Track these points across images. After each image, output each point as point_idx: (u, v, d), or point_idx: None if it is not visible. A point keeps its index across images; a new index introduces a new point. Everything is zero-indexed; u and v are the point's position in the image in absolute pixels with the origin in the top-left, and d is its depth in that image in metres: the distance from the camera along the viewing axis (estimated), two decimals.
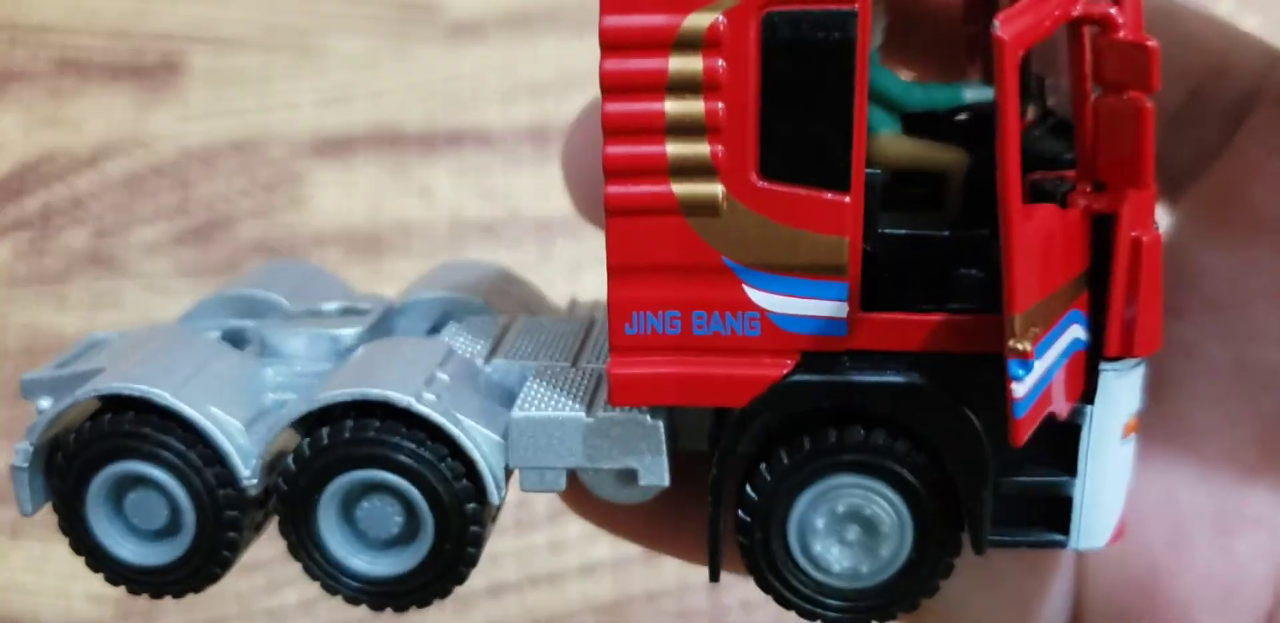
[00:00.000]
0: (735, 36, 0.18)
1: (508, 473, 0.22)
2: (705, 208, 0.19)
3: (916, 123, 0.22)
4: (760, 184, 0.19)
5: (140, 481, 0.23)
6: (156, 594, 0.23)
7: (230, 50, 0.60)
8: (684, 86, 0.19)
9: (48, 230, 0.57)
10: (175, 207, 0.57)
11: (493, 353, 0.24)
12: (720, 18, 0.18)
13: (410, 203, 0.56)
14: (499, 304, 0.28)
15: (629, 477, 0.21)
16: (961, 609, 0.27)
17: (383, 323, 0.26)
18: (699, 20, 0.18)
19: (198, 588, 0.23)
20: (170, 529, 0.23)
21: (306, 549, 0.23)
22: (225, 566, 0.23)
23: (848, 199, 0.19)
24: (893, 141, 0.20)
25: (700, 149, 0.19)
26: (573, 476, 0.23)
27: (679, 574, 0.50)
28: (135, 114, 0.59)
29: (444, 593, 0.23)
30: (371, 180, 0.57)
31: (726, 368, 0.19)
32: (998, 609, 0.27)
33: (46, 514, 0.50)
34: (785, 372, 0.19)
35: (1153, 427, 0.24)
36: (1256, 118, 0.26)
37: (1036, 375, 0.18)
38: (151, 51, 0.60)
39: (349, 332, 0.25)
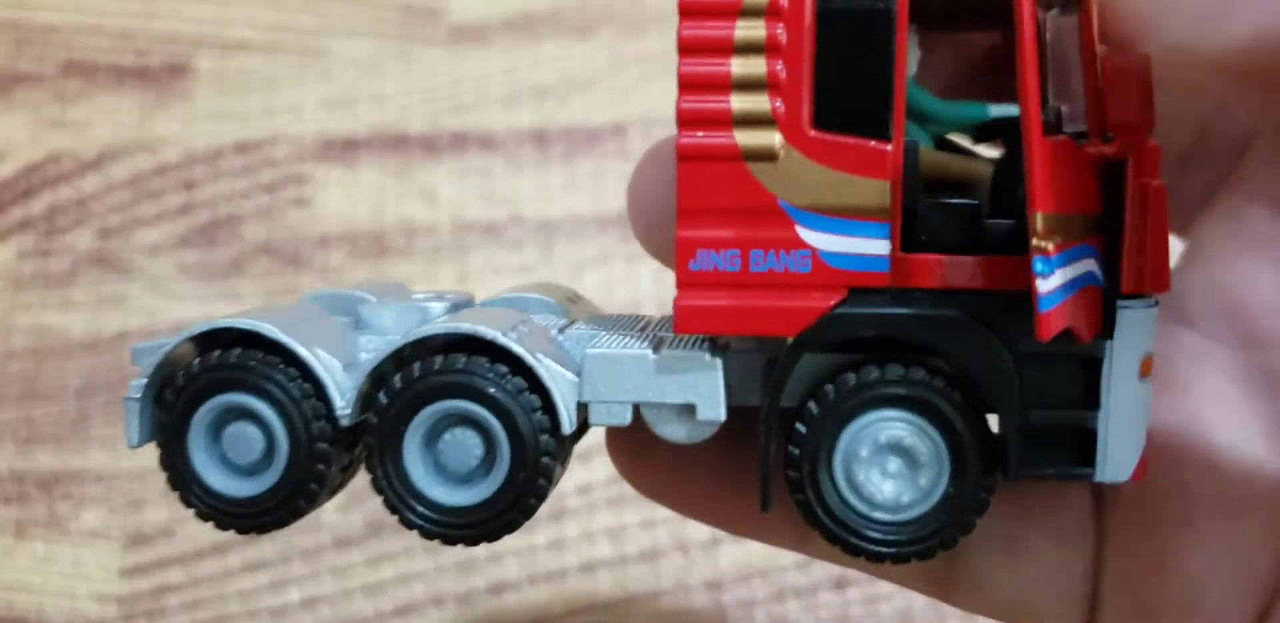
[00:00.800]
0: (793, 6, 0.21)
1: (580, 410, 0.24)
2: (764, 155, 0.22)
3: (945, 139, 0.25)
4: (813, 134, 0.22)
5: (241, 413, 0.24)
6: (243, 529, 0.24)
7: (235, 53, 0.60)
8: (748, 48, 0.22)
9: (53, 232, 0.57)
10: (180, 208, 0.57)
11: (564, 330, 0.26)
12: None
13: (413, 204, 0.56)
14: (570, 309, 0.30)
15: (688, 413, 0.23)
16: (990, 584, 0.28)
17: (466, 306, 0.28)
18: None
19: (282, 523, 0.24)
20: (263, 463, 0.23)
21: (390, 481, 0.23)
22: (311, 500, 0.24)
23: (889, 147, 0.21)
24: (926, 155, 0.22)
25: (761, 103, 0.22)
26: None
27: (679, 574, 0.50)
28: (141, 116, 0.59)
29: (513, 526, 0.24)
30: (375, 182, 0.57)
31: (780, 301, 0.22)
32: (1024, 582, 0.28)
33: (47, 514, 0.50)
34: (833, 304, 0.22)
35: (1165, 420, 0.26)
36: (1258, 146, 0.27)
37: (1059, 280, 0.20)
38: (157, 54, 0.60)
39: (437, 305, 0.27)
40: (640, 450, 0.28)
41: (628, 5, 0.60)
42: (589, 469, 0.51)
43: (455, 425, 0.24)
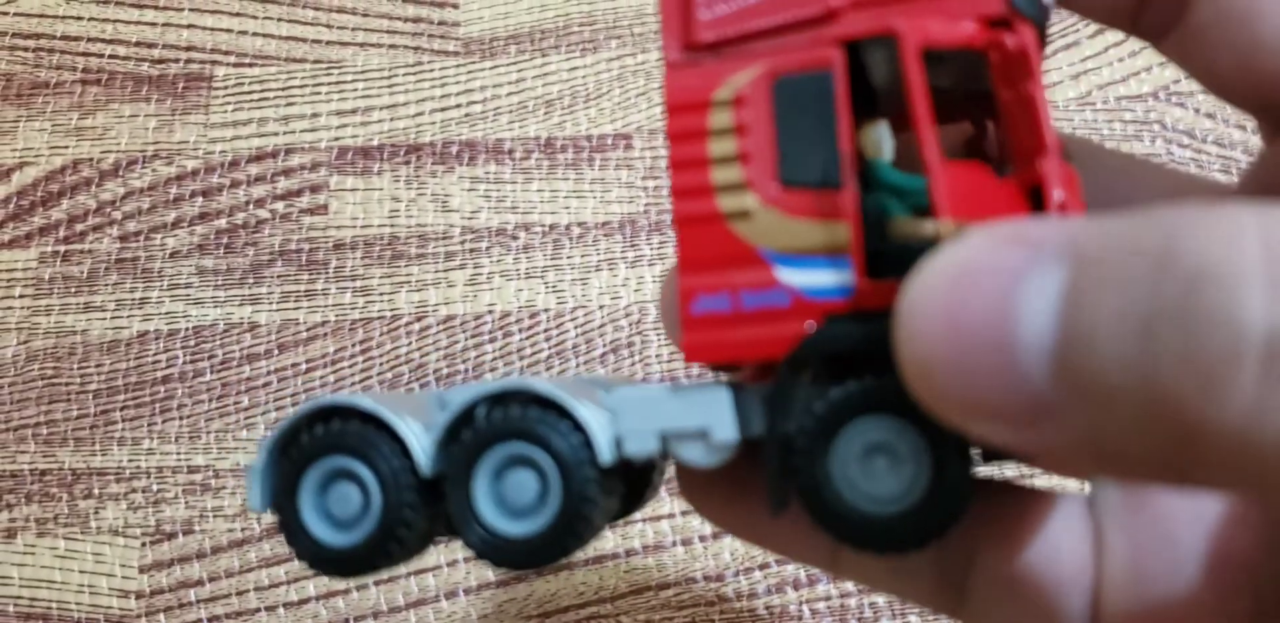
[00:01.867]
0: (755, 95, 0.25)
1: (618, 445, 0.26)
2: (741, 215, 0.25)
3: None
4: (778, 190, 0.25)
5: (342, 474, 0.27)
6: (343, 574, 0.26)
7: (251, 63, 0.61)
8: (722, 132, 0.25)
9: (73, 237, 0.58)
10: (198, 214, 0.58)
11: (609, 388, 0.28)
12: (745, 86, 0.25)
13: (426, 211, 0.58)
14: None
15: (704, 437, 0.25)
16: (995, 616, 0.28)
17: None
18: (727, 90, 0.25)
19: (376, 567, 0.26)
20: (361, 515, 0.26)
21: (467, 519, 0.26)
22: (402, 544, 0.26)
23: (842, 193, 0.24)
24: (904, 223, 0.25)
25: (735, 174, 0.25)
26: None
27: (681, 568, 0.51)
28: (159, 124, 0.60)
29: (566, 551, 0.26)
30: (389, 189, 0.58)
31: (768, 331, 0.24)
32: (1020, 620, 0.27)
33: (68, 512, 0.52)
34: (810, 328, 0.24)
35: None
36: None
37: None
38: (175, 64, 0.62)
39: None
40: (707, 488, 0.29)
41: (632, 21, 0.62)
42: None
43: (515, 466, 0.26)
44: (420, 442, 0.26)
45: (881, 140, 0.25)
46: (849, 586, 0.51)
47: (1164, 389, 0.16)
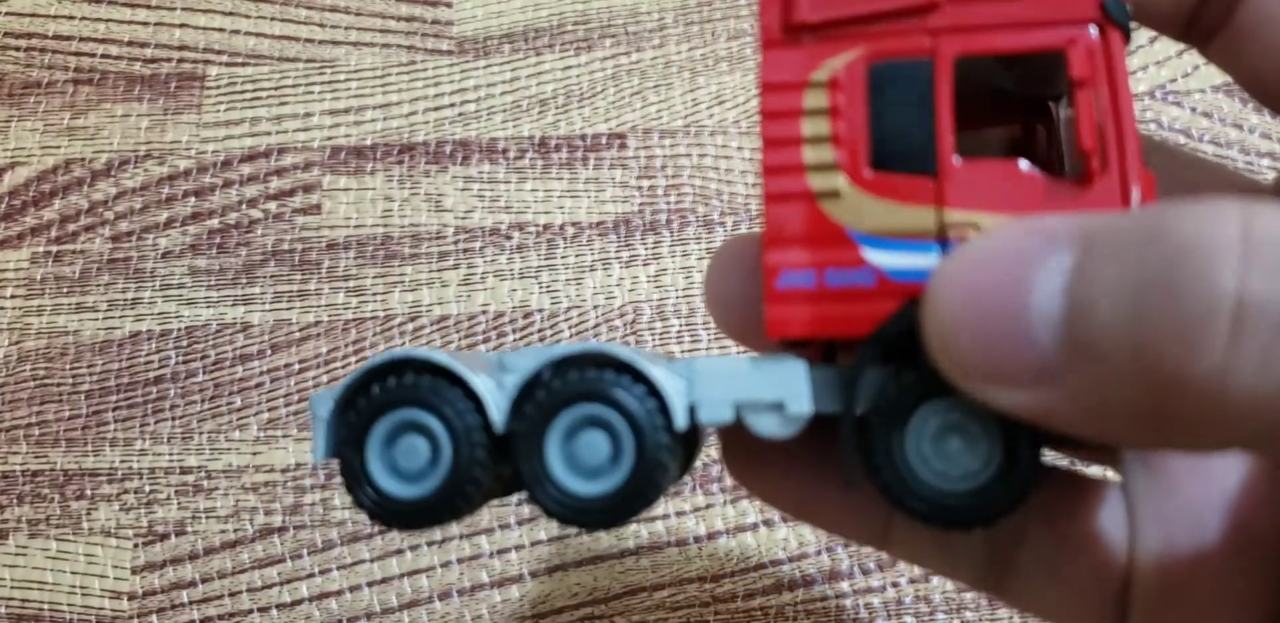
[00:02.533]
0: (850, 80, 0.25)
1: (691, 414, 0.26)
2: (832, 194, 0.26)
3: None
4: (870, 174, 0.25)
5: (412, 427, 0.27)
6: (406, 525, 0.26)
7: (244, 62, 0.61)
8: (816, 113, 0.26)
9: (65, 237, 0.58)
10: (191, 214, 0.58)
11: (669, 357, 0.29)
12: (842, 69, 0.25)
13: (420, 211, 0.57)
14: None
15: (779, 409, 0.26)
16: (1037, 600, 0.29)
17: None
18: (824, 72, 0.26)
19: (441, 520, 0.26)
20: (429, 469, 0.26)
21: (538, 477, 0.26)
22: (469, 501, 0.26)
23: (934, 181, 0.25)
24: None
25: (827, 154, 0.26)
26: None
27: (676, 569, 0.51)
28: (151, 124, 0.60)
29: (633, 511, 0.26)
30: (382, 189, 0.58)
31: (850, 309, 0.25)
32: (1063, 601, 0.29)
33: (60, 513, 0.51)
34: (895, 308, 0.25)
35: None
36: None
37: None
38: (168, 63, 0.62)
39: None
40: (757, 466, 0.30)
41: (626, 20, 0.61)
42: None
43: (588, 428, 0.26)
44: (495, 399, 0.26)
45: None
46: (844, 586, 0.50)
47: (1149, 347, 0.18)
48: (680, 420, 0.26)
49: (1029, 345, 0.20)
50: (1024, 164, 0.25)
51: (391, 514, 0.26)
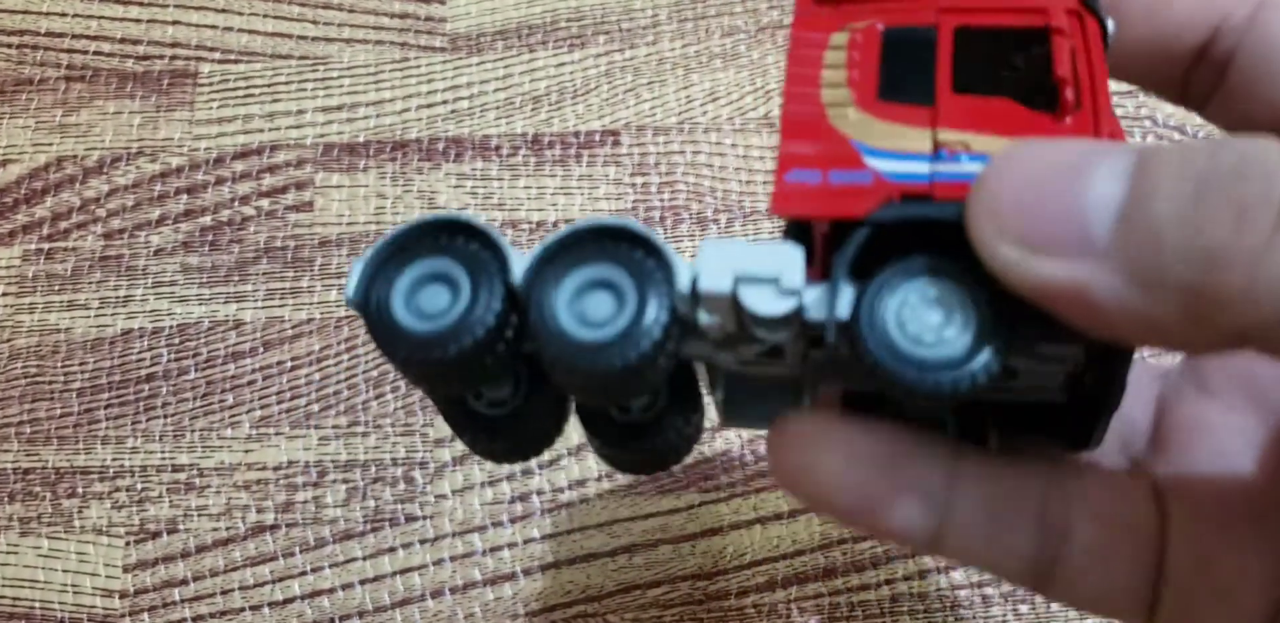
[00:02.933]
0: (866, 40, 0.29)
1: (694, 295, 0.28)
2: (841, 117, 0.28)
3: None
4: (879, 102, 0.28)
5: (440, 277, 0.28)
6: (411, 355, 0.27)
7: (237, 59, 0.61)
8: (835, 65, 0.29)
9: (56, 234, 0.58)
10: (183, 212, 0.58)
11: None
12: (859, 33, 0.29)
13: (413, 208, 0.57)
14: None
15: (775, 282, 0.27)
16: (1079, 588, 0.30)
17: None
18: (843, 35, 0.29)
19: (446, 352, 0.27)
20: (446, 310, 0.27)
21: (544, 321, 0.27)
22: (475, 339, 0.27)
23: (930, 109, 0.28)
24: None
25: (842, 93, 0.29)
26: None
27: (668, 567, 0.51)
28: (143, 121, 0.60)
29: (624, 359, 0.27)
30: (375, 186, 0.58)
31: (851, 199, 0.27)
32: (1106, 590, 0.30)
33: (51, 511, 0.51)
34: (891, 197, 0.27)
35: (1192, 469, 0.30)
36: None
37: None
38: (160, 60, 0.61)
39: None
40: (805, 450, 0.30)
41: (620, 17, 0.61)
42: (584, 465, 0.53)
43: (598, 288, 0.28)
44: (518, 259, 0.28)
45: None
46: (838, 583, 0.50)
47: (1204, 228, 0.21)
48: (683, 281, 0.27)
49: (1083, 220, 0.22)
50: (1009, 102, 0.27)
51: (402, 343, 0.27)
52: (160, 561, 0.52)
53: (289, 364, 0.55)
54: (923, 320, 0.26)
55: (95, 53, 0.62)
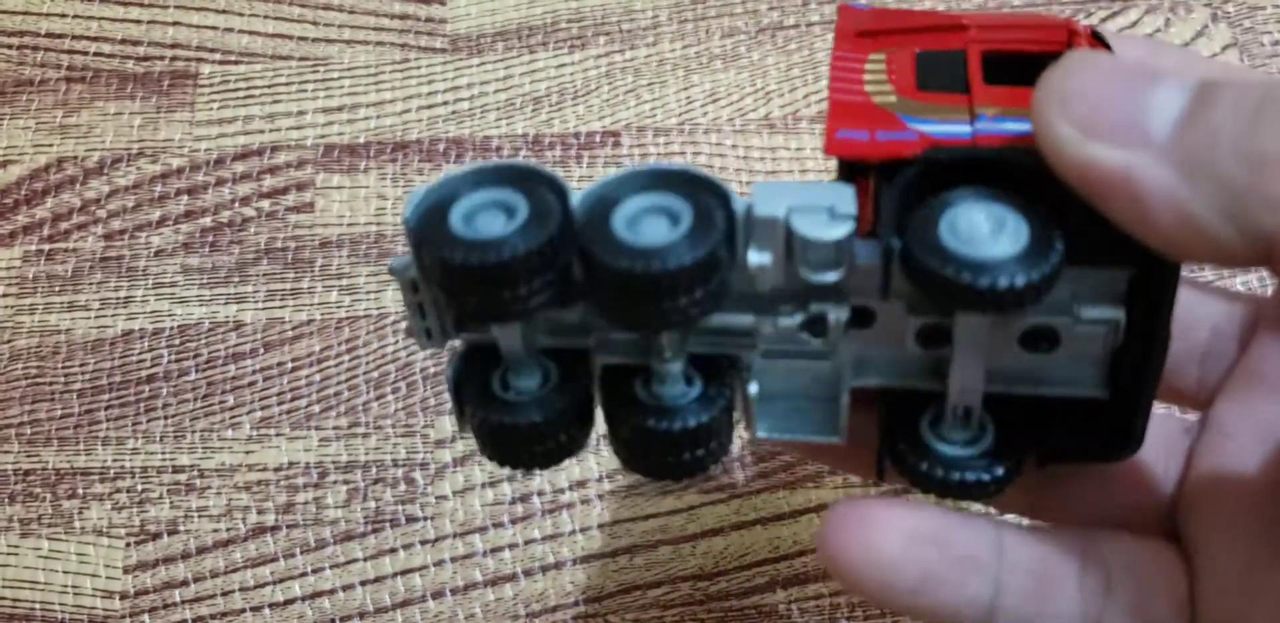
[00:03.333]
0: (902, 55, 0.30)
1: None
2: (887, 101, 0.29)
3: None
4: (918, 91, 0.30)
5: (499, 204, 0.28)
6: (455, 262, 0.27)
7: (237, 60, 0.61)
8: (876, 72, 0.30)
9: (57, 235, 0.58)
10: (184, 213, 0.58)
11: None
12: (893, 52, 0.31)
13: None
14: None
15: (829, 213, 0.28)
16: (1078, 502, 0.33)
17: None
18: (879, 55, 0.31)
19: (498, 259, 0.27)
20: (505, 226, 0.27)
21: (599, 233, 0.28)
22: (526, 252, 0.27)
23: (966, 95, 0.29)
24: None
25: (885, 88, 0.30)
26: None
27: (669, 568, 0.51)
28: (144, 122, 0.60)
29: (682, 263, 0.27)
30: (375, 187, 0.58)
31: (899, 146, 0.28)
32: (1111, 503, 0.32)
33: (52, 512, 0.51)
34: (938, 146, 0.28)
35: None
36: (1260, 334, 0.32)
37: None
38: (160, 61, 0.61)
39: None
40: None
41: (620, 17, 0.61)
42: (585, 466, 0.53)
43: (654, 213, 0.28)
44: (577, 195, 0.28)
45: None
46: (838, 584, 0.50)
47: (1260, 133, 0.22)
48: (739, 205, 0.27)
49: (1145, 116, 0.23)
50: None
51: (460, 250, 0.27)
52: (161, 562, 0.52)
53: (289, 365, 0.55)
54: (975, 228, 0.26)
55: (96, 54, 0.62)
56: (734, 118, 0.59)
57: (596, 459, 0.53)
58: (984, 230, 0.26)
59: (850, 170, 0.29)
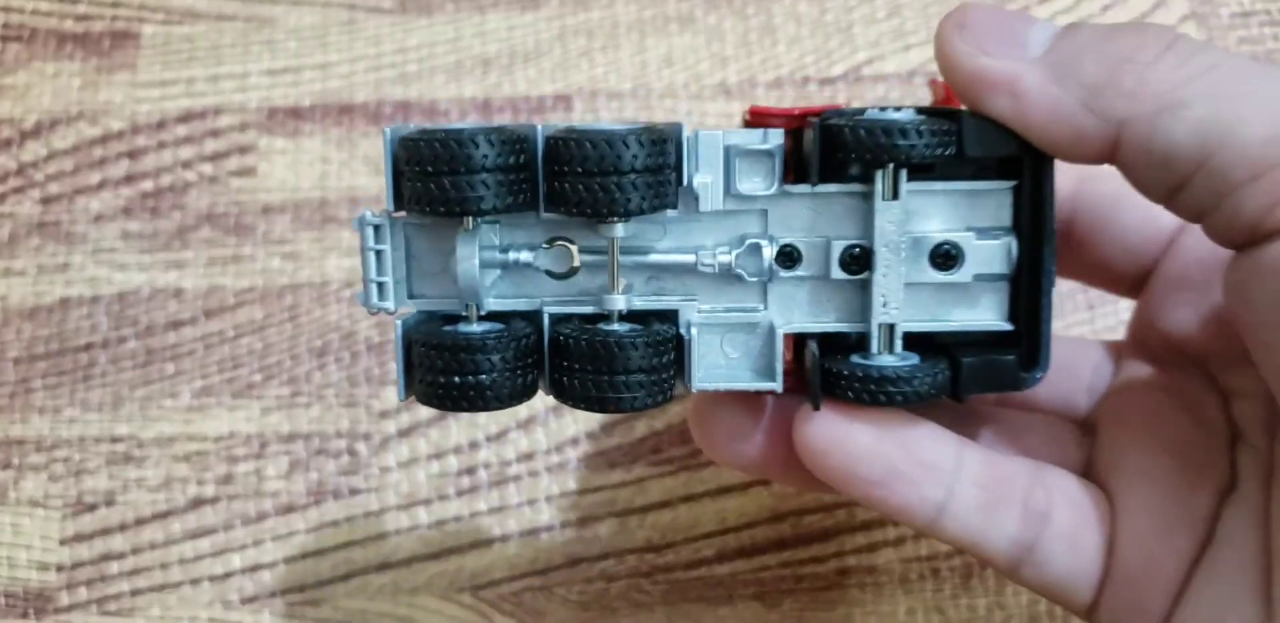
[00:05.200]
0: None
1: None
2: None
3: None
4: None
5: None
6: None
7: (180, 20, 0.59)
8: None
9: None
10: (123, 177, 0.57)
11: None
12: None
13: (358, 173, 0.56)
14: None
15: (764, 137, 0.32)
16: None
17: None
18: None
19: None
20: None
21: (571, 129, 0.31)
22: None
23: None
24: None
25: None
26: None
27: (615, 541, 0.50)
28: (83, 83, 0.58)
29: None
30: (319, 151, 0.57)
31: (807, 110, 0.33)
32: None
33: None
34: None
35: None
36: (1124, 362, 0.39)
37: None
38: (100, 20, 0.60)
39: None
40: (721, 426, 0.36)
41: None
42: (532, 438, 0.52)
43: (614, 127, 0.31)
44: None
45: None
46: (786, 555, 0.50)
47: (1115, 41, 0.29)
48: (687, 132, 0.31)
49: (1025, 39, 0.30)
50: None
51: (438, 134, 0.30)
52: (98, 534, 0.51)
53: (231, 333, 0.54)
54: (883, 112, 0.31)
55: (33, 12, 0.60)
56: (689, 83, 0.57)
57: (545, 432, 0.52)
58: (889, 112, 0.31)
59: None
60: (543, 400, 0.52)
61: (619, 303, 0.32)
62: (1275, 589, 0.30)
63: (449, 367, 0.31)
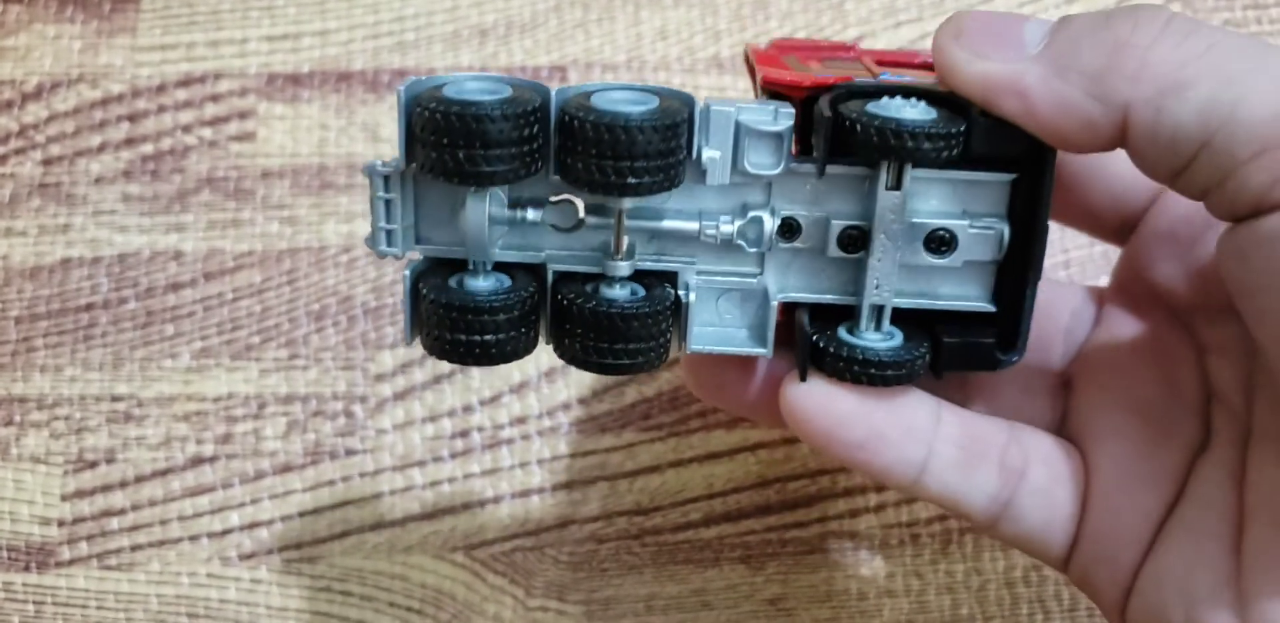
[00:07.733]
0: (809, 56, 0.40)
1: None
2: (809, 70, 0.36)
3: None
4: (830, 68, 0.36)
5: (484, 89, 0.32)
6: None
7: None
8: (791, 61, 0.38)
9: None
10: (124, 140, 0.57)
11: None
12: (801, 55, 0.39)
13: (356, 140, 0.57)
14: None
15: (775, 115, 0.32)
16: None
17: None
18: (792, 56, 0.39)
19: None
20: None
21: (585, 103, 0.32)
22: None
23: (869, 70, 0.36)
24: None
25: (803, 65, 0.36)
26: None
27: (606, 503, 0.52)
28: (84, 46, 0.59)
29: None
30: (318, 118, 0.57)
31: (821, 80, 0.34)
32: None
33: None
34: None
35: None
36: (1107, 308, 0.40)
37: None
38: None
39: None
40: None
41: None
42: (525, 402, 0.53)
43: (628, 100, 0.32)
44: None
45: None
46: (771, 520, 0.51)
47: (1110, 27, 0.29)
48: (698, 106, 0.32)
49: (1020, 40, 0.30)
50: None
51: (455, 106, 0.30)
52: (98, 490, 0.52)
53: (230, 296, 0.55)
54: (894, 103, 0.31)
55: None
56: (683, 56, 0.58)
57: (537, 397, 0.53)
58: (901, 104, 0.31)
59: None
60: (535, 365, 0.53)
61: (623, 270, 0.33)
62: (1246, 544, 0.31)
63: (457, 326, 0.32)
